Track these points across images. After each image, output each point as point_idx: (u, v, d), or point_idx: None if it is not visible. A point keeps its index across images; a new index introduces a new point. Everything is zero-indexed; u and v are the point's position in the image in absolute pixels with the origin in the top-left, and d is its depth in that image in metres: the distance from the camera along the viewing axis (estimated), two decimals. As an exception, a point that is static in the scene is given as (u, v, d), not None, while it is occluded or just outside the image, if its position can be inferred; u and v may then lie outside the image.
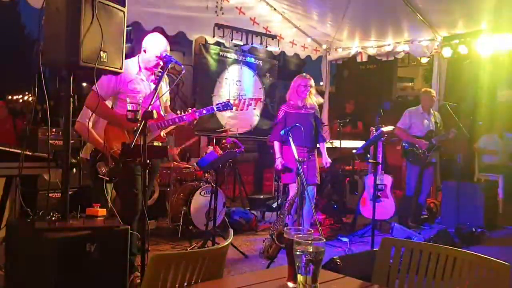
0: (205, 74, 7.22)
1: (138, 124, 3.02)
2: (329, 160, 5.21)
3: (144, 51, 3.58)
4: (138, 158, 3.01)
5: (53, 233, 2.43)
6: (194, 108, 3.74)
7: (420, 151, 6.08)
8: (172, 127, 3.79)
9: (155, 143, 3.57)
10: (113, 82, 3.45)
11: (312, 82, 5.11)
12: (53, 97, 3.43)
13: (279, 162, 5.01)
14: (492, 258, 1.65)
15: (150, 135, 3.36)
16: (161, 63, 3.55)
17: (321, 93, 8.42)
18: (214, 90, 7.09)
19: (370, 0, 6.34)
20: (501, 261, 1.62)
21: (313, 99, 5.18)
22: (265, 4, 6.91)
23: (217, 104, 3.90)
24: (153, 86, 3.58)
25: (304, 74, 5.19)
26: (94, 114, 3.49)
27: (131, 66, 3.55)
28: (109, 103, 3.66)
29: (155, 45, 3.55)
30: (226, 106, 3.87)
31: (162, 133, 3.70)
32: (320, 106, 8.26)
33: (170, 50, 3.63)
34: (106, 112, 3.56)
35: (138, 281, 3.38)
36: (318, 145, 5.22)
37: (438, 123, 6.27)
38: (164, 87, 3.73)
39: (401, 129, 6.20)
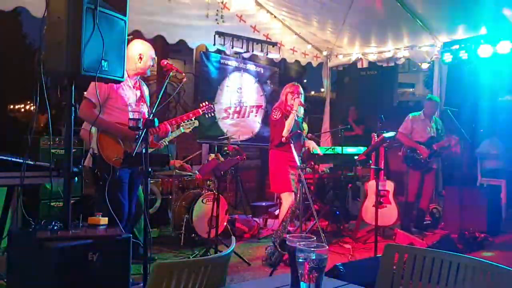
0: (206, 82, 7.22)
1: (140, 132, 3.05)
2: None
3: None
4: (140, 166, 3.02)
5: (54, 243, 2.42)
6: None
7: (421, 156, 6.07)
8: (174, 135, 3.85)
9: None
10: (104, 88, 3.50)
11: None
12: (55, 106, 3.44)
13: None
14: (496, 264, 1.64)
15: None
16: (142, 63, 3.75)
17: (322, 99, 8.44)
18: (215, 97, 7.09)
19: (369, 6, 6.35)
20: (505, 267, 1.61)
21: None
22: (265, 11, 6.94)
23: (201, 107, 4.31)
24: (138, 93, 3.78)
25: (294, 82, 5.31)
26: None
27: None
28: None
29: (133, 48, 3.77)
30: (209, 108, 4.35)
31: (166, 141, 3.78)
32: (322, 112, 8.29)
33: (171, 58, 3.69)
34: (105, 122, 3.58)
35: None
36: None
37: (439, 129, 6.27)
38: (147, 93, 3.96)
39: (402, 133, 6.21)
